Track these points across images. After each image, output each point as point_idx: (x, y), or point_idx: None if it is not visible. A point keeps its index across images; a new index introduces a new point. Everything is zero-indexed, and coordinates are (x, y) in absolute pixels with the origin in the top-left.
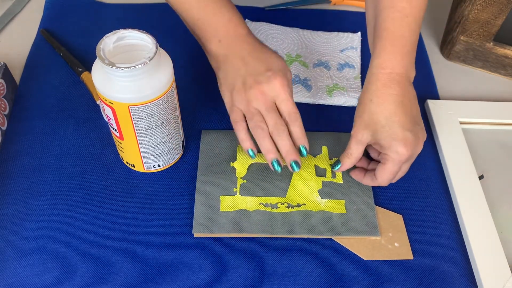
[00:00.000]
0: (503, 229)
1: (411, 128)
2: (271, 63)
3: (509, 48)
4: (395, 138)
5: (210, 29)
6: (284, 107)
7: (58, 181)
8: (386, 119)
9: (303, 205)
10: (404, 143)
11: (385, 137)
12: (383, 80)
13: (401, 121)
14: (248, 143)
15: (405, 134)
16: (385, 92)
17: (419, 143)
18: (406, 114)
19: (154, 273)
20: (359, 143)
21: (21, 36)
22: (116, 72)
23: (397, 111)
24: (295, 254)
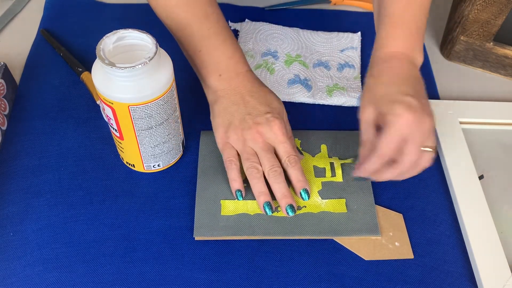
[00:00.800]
0: (503, 229)
1: (413, 95)
2: (270, 104)
3: (509, 48)
4: (394, 101)
5: (212, 62)
6: (283, 149)
7: (58, 181)
8: (385, 87)
9: (304, 207)
10: (404, 106)
11: (385, 103)
12: (384, 57)
13: (401, 89)
14: (238, 183)
15: (406, 98)
16: (384, 66)
17: (426, 117)
18: (407, 84)
19: (154, 273)
20: (366, 122)
21: (21, 36)
22: (116, 72)
23: (396, 79)
24: (295, 254)
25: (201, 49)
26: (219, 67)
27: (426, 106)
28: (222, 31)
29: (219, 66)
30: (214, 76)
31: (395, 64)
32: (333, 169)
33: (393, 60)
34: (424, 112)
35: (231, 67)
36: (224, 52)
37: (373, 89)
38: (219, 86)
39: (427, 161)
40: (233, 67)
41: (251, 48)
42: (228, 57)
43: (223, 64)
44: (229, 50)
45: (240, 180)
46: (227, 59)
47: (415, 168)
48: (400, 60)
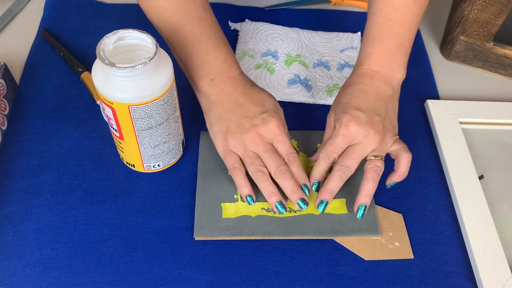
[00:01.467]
0: (503, 229)
1: (366, 111)
2: (264, 103)
3: (509, 48)
4: (346, 112)
5: (204, 66)
6: (282, 148)
7: (58, 181)
8: (345, 98)
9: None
10: (350, 118)
11: (339, 111)
12: (357, 73)
13: (358, 103)
14: (247, 189)
15: (356, 112)
16: (354, 80)
17: (370, 130)
18: (366, 100)
19: (154, 273)
20: (328, 125)
21: (21, 36)
22: (116, 72)
23: (358, 94)
24: (295, 254)
25: (193, 53)
26: (211, 71)
27: (376, 123)
28: (215, 35)
29: (211, 70)
30: (206, 81)
31: (366, 81)
32: None
33: (366, 78)
34: (371, 126)
35: (223, 71)
36: (216, 56)
37: (339, 97)
38: (211, 91)
39: (371, 168)
40: (226, 71)
41: (251, 48)
42: (221, 61)
43: (216, 68)
44: (221, 54)
45: (249, 186)
46: (220, 63)
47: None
48: (372, 78)
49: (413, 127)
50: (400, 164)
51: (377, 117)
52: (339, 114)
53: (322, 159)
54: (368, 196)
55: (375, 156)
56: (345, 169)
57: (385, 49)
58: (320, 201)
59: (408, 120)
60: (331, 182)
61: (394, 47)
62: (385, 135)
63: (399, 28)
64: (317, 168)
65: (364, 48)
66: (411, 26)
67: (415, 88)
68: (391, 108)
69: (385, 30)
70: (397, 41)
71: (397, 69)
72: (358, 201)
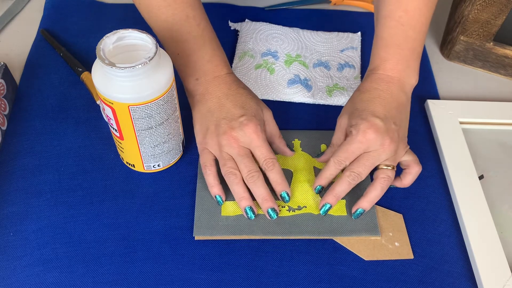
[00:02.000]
0: (503, 229)
1: (384, 119)
2: (245, 106)
3: (509, 48)
4: (363, 118)
5: (190, 66)
6: (259, 153)
7: (58, 181)
8: (362, 104)
9: (304, 207)
10: (369, 125)
11: (355, 116)
12: (373, 78)
13: (376, 110)
14: (216, 188)
15: (374, 119)
16: (370, 86)
17: (387, 139)
18: (384, 107)
19: (154, 273)
20: (339, 127)
21: (21, 36)
22: (116, 72)
23: (375, 101)
24: (295, 254)
25: (179, 53)
26: (196, 71)
27: (392, 132)
28: (202, 34)
29: (196, 70)
30: (191, 80)
31: (382, 87)
32: None
33: (382, 83)
34: (387, 135)
35: (208, 70)
36: (202, 55)
37: (354, 101)
38: (196, 90)
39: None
40: (212, 70)
41: (251, 48)
42: (207, 60)
43: (200, 67)
44: (207, 53)
45: (218, 185)
46: (205, 63)
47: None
48: (389, 84)
49: (413, 127)
50: (408, 175)
51: (393, 126)
52: (356, 120)
53: (333, 164)
54: (371, 203)
55: (387, 166)
56: (356, 175)
57: (400, 55)
58: (324, 204)
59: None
60: (338, 186)
61: (408, 52)
62: (399, 144)
63: (412, 32)
64: (325, 172)
65: (378, 53)
66: (423, 30)
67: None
68: (405, 117)
69: (398, 35)
70: (410, 46)
71: (411, 74)
72: (359, 204)
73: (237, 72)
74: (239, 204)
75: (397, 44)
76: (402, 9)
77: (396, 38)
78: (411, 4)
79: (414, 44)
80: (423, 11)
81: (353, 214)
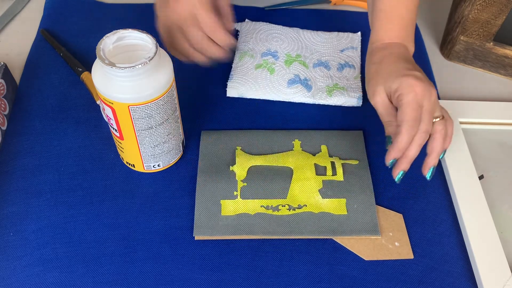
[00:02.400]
0: (503, 229)
1: (417, 69)
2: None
3: (509, 48)
4: (403, 75)
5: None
6: (201, 20)
7: (58, 181)
8: (390, 67)
9: (304, 206)
10: (414, 78)
11: (394, 79)
12: (382, 47)
13: (406, 66)
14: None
15: (413, 72)
16: (384, 52)
17: (432, 88)
18: (409, 62)
19: (154, 273)
20: (382, 104)
21: (21, 36)
22: (116, 72)
23: (398, 60)
24: (295, 254)
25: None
26: None
27: (427, 79)
28: None
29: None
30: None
31: (394, 49)
32: (334, 168)
33: (391, 47)
34: (430, 83)
35: None
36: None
37: (378, 72)
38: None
39: (441, 129)
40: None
41: (251, 48)
42: None
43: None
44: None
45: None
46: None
47: (438, 141)
48: (397, 46)
49: None
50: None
51: (424, 74)
52: (397, 82)
53: (406, 132)
54: (438, 157)
55: (436, 117)
56: (424, 135)
57: (402, 25)
58: (399, 172)
59: None
60: (410, 151)
61: (408, 22)
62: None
63: (411, 4)
64: (399, 143)
65: (381, 25)
66: (416, 3)
67: None
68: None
69: (399, 6)
70: (410, 17)
71: (411, 42)
72: (428, 163)
73: (237, 72)
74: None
75: (398, 14)
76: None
77: (397, 8)
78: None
79: (412, 15)
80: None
81: (427, 175)
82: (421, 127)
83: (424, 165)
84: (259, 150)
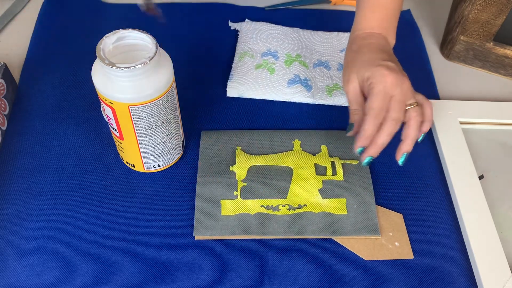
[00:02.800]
0: (503, 229)
1: (391, 60)
2: None
3: (509, 48)
4: (377, 64)
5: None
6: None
7: (58, 181)
8: (366, 56)
9: (304, 206)
10: (386, 68)
11: (368, 68)
12: (362, 36)
13: (381, 56)
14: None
15: (386, 62)
16: (363, 42)
17: (404, 78)
18: (385, 53)
19: (154, 273)
20: (353, 92)
21: (21, 36)
22: (116, 72)
23: (375, 50)
24: (295, 254)
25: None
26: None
27: (401, 70)
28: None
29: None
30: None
31: (373, 40)
32: (334, 168)
33: (371, 37)
34: (403, 74)
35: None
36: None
37: (354, 60)
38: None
39: (415, 115)
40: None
41: (251, 48)
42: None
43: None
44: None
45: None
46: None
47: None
48: (377, 37)
49: None
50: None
51: (399, 66)
52: (369, 70)
53: (371, 119)
54: (413, 143)
55: (411, 104)
56: (395, 122)
57: (385, 15)
58: (366, 157)
59: None
60: (380, 138)
61: (391, 13)
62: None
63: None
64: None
65: (364, 13)
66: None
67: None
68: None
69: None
70: (393, 7)
71: (392, 34)
72: (402, 148)
73: (237, 72)
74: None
75: (381, 4)
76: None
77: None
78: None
79: (396, 5)
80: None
81: (400, 160)
82: (390, 115)
83: (397, 150)
84: (259, 150)
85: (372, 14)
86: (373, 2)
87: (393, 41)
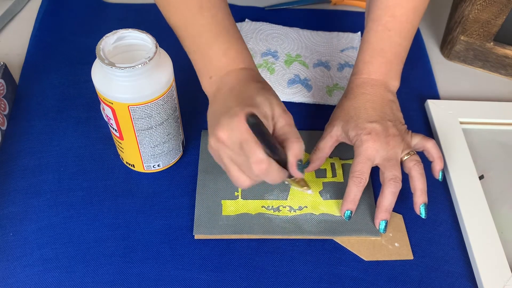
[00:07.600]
0: (503, 229)
1: (378, 120)
2: (248, 98)
3: (509, 48)
4: (361, 127)
5: (203, 63)
6: (250, 156)
7: (58, 181)
8: (355, 110)
9: (305, 207)
10: (368, 132)
11: (352, 127)
12: (358, 83)
13: (369, 114)
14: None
15: (371, 124)
16: (357, 91)
17: (389, 138)
18: (375, 110)
19: (154, 273)
20: (330, 136)
21: (21, 36)
22: (116, 72)
23: (366, 105)
24: (295, 254)
25: (195, 49)
26: (210, 68)
27: (391, 128)
28: (218, 26)
29: (210, 66)
30: (205, 79)
31: (369, 91)
32: (334, 169)
33: (367, 86)
34: (388, 134)
35: (222, 66)
36: (217, 49)
37: (345, 109)
38: (209, 90)
39: (414, 164)
40: (225, 65)
41: (251, 48)
42: (222, 54)
43: (214, 64)
44: (222, 46)
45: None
46: (220, 57)
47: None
48: (374, 87)
49: (413, 127)
50: (431, 150)
51: (389, 123)
52: (354, 129)
53: (353, 183)
54: (423, 193)
55: (407, 154)
56: (395, 181)
57: (384, 58)
58: (380, 222)
59: (408, 120)
60: (385, 200)
61: (392, 57)
62: (402, 134)
63: (398, 38)
64: (349, 195)
65: (363, 57)
66: (409, 36)
67: (415, 88)
68: (396, 109)
69: (384, 39)
70: (395, 51)
71: (394, 77)
72: (417, 202)
73: None
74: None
75: (381, 48)
76: (390, 14)
77: (381, 42)
78: (399, 10)
79: (399, 49)
80: (410, 18)
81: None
82: (386, 175)
83: (414, 205)
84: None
85: (370, 58)
86: (373, 44)
87: (396, 83)
